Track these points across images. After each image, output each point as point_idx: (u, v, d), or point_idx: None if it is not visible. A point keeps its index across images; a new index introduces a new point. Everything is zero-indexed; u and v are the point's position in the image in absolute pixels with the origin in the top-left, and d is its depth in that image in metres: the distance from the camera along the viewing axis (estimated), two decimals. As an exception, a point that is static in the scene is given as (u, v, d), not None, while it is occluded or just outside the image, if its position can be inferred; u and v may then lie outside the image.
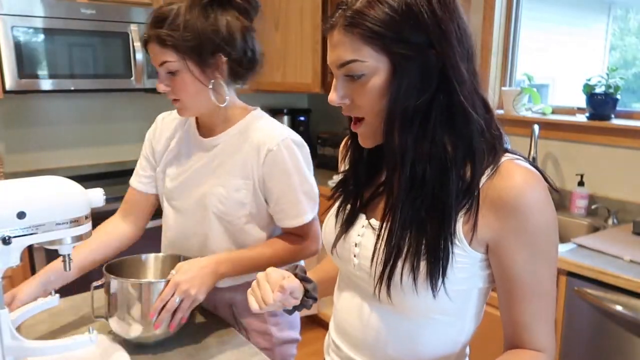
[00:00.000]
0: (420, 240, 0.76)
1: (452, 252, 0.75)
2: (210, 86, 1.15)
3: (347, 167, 0.93)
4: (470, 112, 0.74)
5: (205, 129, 1.27)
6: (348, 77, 0.76)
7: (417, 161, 0.75)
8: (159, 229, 1.39)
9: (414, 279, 0.75)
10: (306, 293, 0.97)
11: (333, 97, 0.78)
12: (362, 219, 0.87)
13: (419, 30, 0.71)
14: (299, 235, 1.27)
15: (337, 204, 0.92)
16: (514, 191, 0.72)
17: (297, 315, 1.35)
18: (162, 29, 1.08)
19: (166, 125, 1.35)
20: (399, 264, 0.77)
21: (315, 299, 0.97)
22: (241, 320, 1.30)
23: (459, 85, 0.73)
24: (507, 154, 0.77)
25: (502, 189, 0.73)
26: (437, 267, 0.74)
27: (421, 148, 0.74)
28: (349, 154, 0.92)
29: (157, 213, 1.41)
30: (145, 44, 1.14)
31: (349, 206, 0.89)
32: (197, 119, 1.30)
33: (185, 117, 1.30)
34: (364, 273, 0.84)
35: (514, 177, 0.73)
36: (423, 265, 0.75)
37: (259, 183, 1.20)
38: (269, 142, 1.18)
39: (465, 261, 0.76)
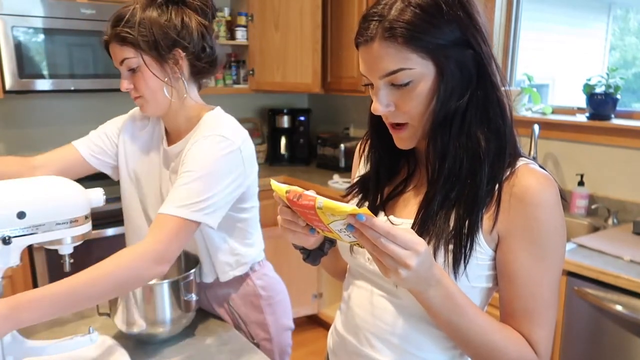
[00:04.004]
0: (447, 228, 0.78)
1: (476, 242, 0.77)
2: (166, 79, 1.16)
3: (367, 169, 0.94)
4: (506, 104, 0.78)
5: (172, 133, 1.27)
6: (392, 85, 0.77)
7: (456, 155, 0.78)
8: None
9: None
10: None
11: (378, 107, 0.79)
12: (380, 215, 0.88)
13: (452, 23, 0.73)
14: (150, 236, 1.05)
15: (354, 202, 0.94)
16: (528, 190, 0.76)
17: (288, 302, 1.38)
18: (120, 28, 1.12)
19: (139, 122, 1.36)
20: None
21: (331, 241, 0.91)
22: (239, 314, 1.31)
23: (494, 79, 0.77)
24: (522, 158, 0.80)
25: (518, 187, 0.76)
26: (461, 253, 0.77)
27: (459, 143, 0.78)
28: (368, 155, 0.93)
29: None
30: (106, 45, 1.17)
31: (366, 203, 0.91)
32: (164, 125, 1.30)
33: (149, 116, 1.30)
34: None
35: (529, 178, 0.77)
36: (447, 250, 0.77)
37: None
38: (200, 135, 1.15)
39: (483, 257, 0.79)
